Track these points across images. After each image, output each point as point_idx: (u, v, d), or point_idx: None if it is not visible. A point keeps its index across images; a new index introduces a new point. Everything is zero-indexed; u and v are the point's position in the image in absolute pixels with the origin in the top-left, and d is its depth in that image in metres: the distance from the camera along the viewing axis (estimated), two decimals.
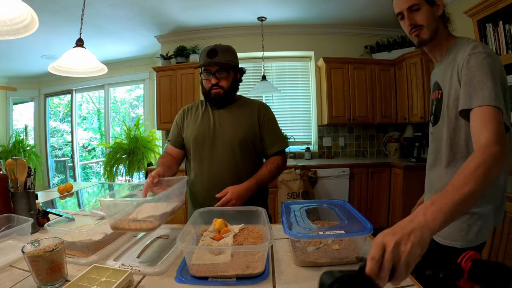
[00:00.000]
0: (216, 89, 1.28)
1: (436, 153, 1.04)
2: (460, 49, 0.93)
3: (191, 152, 1.36)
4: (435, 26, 0.98)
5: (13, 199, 1.04)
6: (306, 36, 3.80)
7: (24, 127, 5.51)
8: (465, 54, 0.88)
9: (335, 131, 3.86)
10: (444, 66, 1.00)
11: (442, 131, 1.00)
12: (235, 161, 1.29)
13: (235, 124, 1.31)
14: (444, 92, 0.99)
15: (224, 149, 1.29)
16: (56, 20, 3.12)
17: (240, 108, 1.36)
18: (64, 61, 1.57)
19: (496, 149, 0.72)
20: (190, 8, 3.16)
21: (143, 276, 0.74)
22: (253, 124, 1.33)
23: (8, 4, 0.93)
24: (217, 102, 1.33)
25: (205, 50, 1.28)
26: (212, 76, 1.26)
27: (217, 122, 1.32)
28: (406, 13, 0.98)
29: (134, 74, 4.73)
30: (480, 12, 2.02)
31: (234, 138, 1.29)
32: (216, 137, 1.30)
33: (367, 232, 0.78)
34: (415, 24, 0.97)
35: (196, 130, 1.33)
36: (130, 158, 4.10)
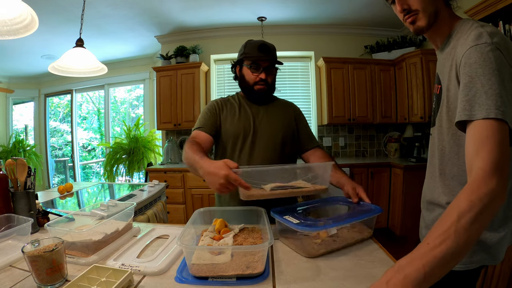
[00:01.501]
0: (262, 85, 1.26)
1: (431, 159, 0.90)
2: (462, 36, 0.74)
3: (227, 148, 1.28)
4: (434, 8, 0.78)
5: (13, 199, 1.04)
6: (306, 36, 3.80)
7: (24, 127, 5.51)
8: (466, 45, 0.69)
9: (335, 131, 3.86)
10: (444, 55, 0.81)
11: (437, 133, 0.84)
12: (275, 159, 1.27)
13: (276, 122, 1.30)
14: (443, 87, 0.80)
15: (266, 147, 1.26)
16: (56, 20, 3.12)
17: (278, 106, 1.36)
18: (64, 61, 1.57)
19: (492, 185, 0.56)
20: (190, 8, 3.16)
21: (143, 276, 0.74)
22: (290, 122, 1.34)
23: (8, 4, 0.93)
24: (261, 98, 1.31)
25: (254, 43, 1.26)
26: (262, 71, 1.25)
27: (257, 119, 1.29)
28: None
29: (134, 74, 4.73)
30: (480, 12, 2.02)
31: (275, 135, 1.28)
32: (257, 134, 1.27)
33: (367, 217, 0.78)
34: (409, 9, 0.78)
35: (236, 126, 1.27)
36: (130, 158, 4.11)
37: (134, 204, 1.07)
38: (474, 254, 0.76)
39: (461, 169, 0.76)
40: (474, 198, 0.54)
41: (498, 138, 0.60)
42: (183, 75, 3.62)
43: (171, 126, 3.67)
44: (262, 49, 1.23)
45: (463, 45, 0.70)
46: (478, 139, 0.62)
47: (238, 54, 1.32)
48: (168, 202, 3.24)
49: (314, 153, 1.35)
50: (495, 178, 0.56)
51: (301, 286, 0.69)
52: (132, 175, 4.18)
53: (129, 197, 1.70)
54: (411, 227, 2.91)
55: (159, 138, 4.35)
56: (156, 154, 4.29)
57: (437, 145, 0.83)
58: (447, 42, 0.81)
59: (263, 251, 0.74)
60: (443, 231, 0.52)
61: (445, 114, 0.79)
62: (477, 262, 0.76)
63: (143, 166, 4.04)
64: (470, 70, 0.66)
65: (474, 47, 0.67)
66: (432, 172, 0.88)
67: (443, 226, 0.53)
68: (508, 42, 0.69)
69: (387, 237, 3.06)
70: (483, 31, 0.68)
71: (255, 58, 1.23)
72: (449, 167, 0.80)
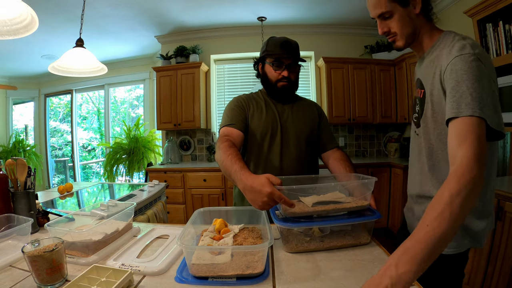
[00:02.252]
0: (284, 82, 1.24)
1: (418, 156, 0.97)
2: (445, 47, 0.84)
3: (254, 145, 1.26)
4: (412, 30, 0.89)
5: (13, 199, 1.04)
6: (306, 36, 3.80)
7: (24, 127, 5.51)
8: (451, 55, 0.79)
9: (335, 131, 3.86)
10: (427, 63, 0.91)
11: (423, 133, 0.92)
12: (303, 157, 1.27)
13: (301, 120, 1.30)
14: (426, 91, 0.90)
15: (294, 146, 1.26)
16: (56, 20, 3.12)
17: (301, 104, 1.35)
18: (64, 61, 1.57)
19: (475, 172, 0.64)
20: (190, 8, 3.16)
21: (143, 276, 0.74)
22: (314, 121, 1.33)
23: (8, 4, 0.93)
24: (284, 95, 1.30)
25: (276, 40, 1.25)
26: (285, 69, 1.23)
27: (283, 117, 1.28)
28: (378, 21, 0.91)
29: (134, 74, 4.73)
30: (480, 12, 2.02)
31: (302, 134, 1.27)
32: (285, 132, 1.26)
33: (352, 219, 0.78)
34: (388, 31, 0.90)
35: (264, 123, 1.25)
36: (130, 158, 4.11)
37: (134, 204, 1.07)
38: (463, 239, 0.88)
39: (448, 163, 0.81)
40: (462, 184, 0.63)
41: (479, 132, 0.69)
42: (183, 75, 3.62)
43: (171, 126, 3.67)
44: (284, 46, 1.23)
45: (448, 55, 0.80)
46: (461, 132, 0.71)
47: (260, 51, 1.31)
48: (168, 202, 3.24)
49: (333, 154, 1.33)
50: (477, 166, 0.65)
51: (301, 286, 0.69)
52: (132, 175, 4.18)
53: (129, 197, 1.70)
54: None
55: (159, 138, 4.35)
56: (156, 154, 4.29)
57: (424, 144, 0.91)
58: (429, 52, 0.91)
59: (263, 251, 0.74)
60: (438, 214, 0.61)
61: (430, 116, 0.88)
62: (465, 246, 0.89)
63: (143, 166, 4.04)
64: (457, 76, 0.76)
65: (459, 57, 0.77)
66: (420, 168, 0.95)
67: (438, 209, 0.62)
68: (486, 54, 0.80)
69: (387, 237, 3.06)
70: (466, 43, 0.79)
71: (277, 55, 1.22)
72: (439, 162, 0.88)
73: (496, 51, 1.97)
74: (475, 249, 1.84)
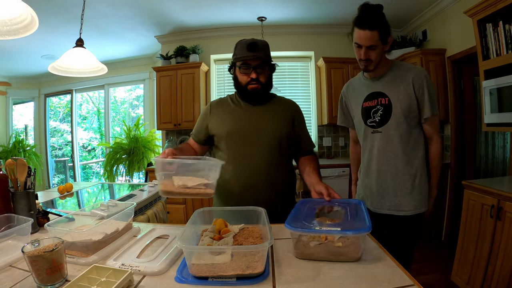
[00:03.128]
0: (254, 84, 1.23)
1: (385, 146, 1.32)
2: (403, 69, 1.31)
3: (223, 149, 1.28)
4: (380, 59, 1.28)
5: (13, 199, 1.04)
6: (306, 36, 3.80)
7: (24, 127, 5.51)
8: (419, 73, 1.27)
9: (335, 131, 3.86)
10: (388, 80, 1.32)
11: (393, 130, 1.29)
12: (273, 158, 1.26)
13: (273, 121, 1.28)
14: (392, 99, 1.29)
15: (264, 146, 1.25)
16: (56, 20, 3.12)
17: (275, 105, 1.34)
18: (64, 61, 1.57)
19: (440, 143, 1.33)
20: (190, 8, 3.16)
21: (143, 276, 0.74)
22: (288, 122, 1.31)
23: (8, 4, 0.93)
24: (255, 98, 1.29)
25: (243, 43, 1.24)
26: (253, 71, 1.22)
27: (254, 119, 1.28)
28: (364, 49, 1.22)
29: (134, 74, 4.73)
30: (480, 12, 2.02)
31: (273, 135, 1.26)
32: (254, 134, 1.25)
33: (364, 231, 0.76)
34: (368, 59, 1.25)
35: (231, 126, 1.27)
36: (130, 158, 4.11)
37: (134, 204, 1.07)
38: (420, 204, 1.31)
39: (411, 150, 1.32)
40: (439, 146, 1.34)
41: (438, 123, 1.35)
42: (183, 75, 3.62)
43: (171, 126, 3.67)
44: (250, 48, 1.21)
45: (414, 74, 1.28)
46: (435, 125, 1.33)
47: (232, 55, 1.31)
48: (168, 202, 3.24)
49: (306, 156, 1.36)
50: (439, 140, 1.35)
51: (301, 286, 0.69)
52: (132, 175, 4.18)
53: (129, 197, 1.70)
54: None
55: (159, 138, 4.35)
56: (156, 154, 4.29)
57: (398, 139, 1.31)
58: (385, 74, 1.34)
59: (263, 251, 0.74)
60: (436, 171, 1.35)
61: (395, 118, 1.29)
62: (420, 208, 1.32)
63: (143, 166, 4.04)
64: (428, 87, 1.27)
65: (426, 76, 1.28)
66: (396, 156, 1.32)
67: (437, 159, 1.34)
68: None
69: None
70: (420, 67, 1.36)
71: (244, 58, 1.22)
72: (408, 150, 1.31)
73: (496, 51, 1.97)
74: (475, 249, 1.84)
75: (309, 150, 1.38)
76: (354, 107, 1.44)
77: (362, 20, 1.22)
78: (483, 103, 2.09)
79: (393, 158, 1.31)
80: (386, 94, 1.30)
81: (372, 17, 1.21)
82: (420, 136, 1.34)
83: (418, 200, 1.31)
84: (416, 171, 1.31)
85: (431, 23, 3.26)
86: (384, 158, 1.33)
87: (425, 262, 2.52)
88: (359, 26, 1.22)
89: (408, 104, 1.27)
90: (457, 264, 2.01)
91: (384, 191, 1.34)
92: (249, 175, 1.24)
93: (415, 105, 1.28)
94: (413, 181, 1.30)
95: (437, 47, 3.15)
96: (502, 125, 1.95)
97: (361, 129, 1.42)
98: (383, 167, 1.34)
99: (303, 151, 1.37)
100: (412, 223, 1.31)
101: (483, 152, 2.93)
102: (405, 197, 1.30)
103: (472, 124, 3.01)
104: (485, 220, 1.78)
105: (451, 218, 2.99)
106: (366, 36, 1.20)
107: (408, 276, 0.71)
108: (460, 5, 2.71)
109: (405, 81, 1.28)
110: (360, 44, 1.22)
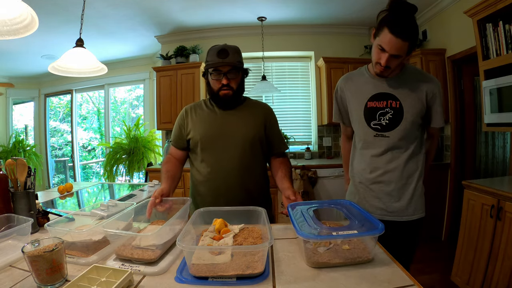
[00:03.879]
0: (226, 90, 1.25)
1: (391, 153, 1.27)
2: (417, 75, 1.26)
3: (198, 152, 1.32)
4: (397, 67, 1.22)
5: (13, 199, 1.04)
6: (306, 36, 3.80)
7: (24, 127, 5.51)
8: (433, 83, 1.23)
9: (335, 131, 3.86)
10: (400, 83, 1.25)
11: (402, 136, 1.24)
12: (246, 161, 1.29)
13: (245, 124, 1.31)
14: (403, 103, 1.23)
15: (236, 149, 1.27)
16: (56, 20, 3.12)
17: (247, 109, 1.36)
18: (64, 61, 1.57)
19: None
20: (190, 8, 3.16)
21: (143, 276, 0.74)
22: (260, 125, 1.34)
23: (8, 4, 0.93)
24: (227, 103, 1.31)
25: (214, 49, 1.25)
26: (223, 77, 1.23)
27: (226, 122, 1.30)
28: (388, 56, 1.12)
29: (134, 74, 4.73)
30: (480, 12, 2.02)
31: (245, 138, 1.28)
32: (227, 137, 1.28)
33: (379, 232, 0.76)
34: (388, 66, 1.16)
35: (204, 130, 1.30)
36: (130, 158, 4.10)
37: (134, 204, 1.07)
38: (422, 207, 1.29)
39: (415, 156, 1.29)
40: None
41: None
42: (183, 75, 3.62)
43: (171, 126, 3.65)
44: (220, 54, 1.22)
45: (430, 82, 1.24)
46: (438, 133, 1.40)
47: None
48: None
49: (278, 158, 1.38)
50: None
51: (301, 286, 0.69)
52: (132, 175, 4.18)
53: (129, 197, 1.70)
54: None
55: (159, 138, 4.35)
56: (156, 154, 4.29)
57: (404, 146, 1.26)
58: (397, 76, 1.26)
59: (263, 251, 0.74)
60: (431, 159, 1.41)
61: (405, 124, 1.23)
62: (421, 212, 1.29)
63: (143, 166, 4.04)
64: (440, 97, 1.25)
65: (439, 84, 1.25)
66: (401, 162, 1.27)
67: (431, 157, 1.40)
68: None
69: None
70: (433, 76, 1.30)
71: (214, 64, 1.23)
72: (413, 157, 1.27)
73: (496, 51, 1.97)
74: (475, 249, 1.84)
75: (281, 152, 1.40)
76: (355, 104, 1.34)
77: (399, 25, 1.07)
78: (483, 103, 2.09)
79: (397, 165, 1.25)
80: (398, 98, 1.23)
81: (409, 25, 1.09)
82: (421, 142, 1.31)
83: (420, 203, 1.28)
84: (419, 176, 1.28)
85: (431, 23, 3.26)
86: (388, 164, 1.26)
87: (425, 262, 2.52)
88: (392, 30, 1.07)
89: (419, 112, 1.22)
90: (457, 264, 2.01)
91: (386, 197, 1.28)
92: (222, 178, 1.28)
93: (424, 113, 1.25)
94: (416, 185, 1.27)
95: (437, 47, 3.15)
96: (502, 125, 1.95)
97: (360, 130, 1.33)
98: (386, 174, 1.27)
99: (275, 153, 1.39)
100: (415, 227, 1.29)
101: (483, 152, 2.93)
102: (408, 201, 1.26)
103: (472, 124, 3.01)
104: (485, 220, 1.78)
105: (451, 218, 2.99)
106: (397, 44, 1.08)
107: (408, 276, 0.71)
108: (460, 5, 2.71)
109: (418, 88, 1.22)
110: (386, 49, 1.10)
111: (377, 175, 1.29)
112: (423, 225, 1.32)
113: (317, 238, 0.77)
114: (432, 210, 2.98)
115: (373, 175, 1.30)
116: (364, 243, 0.82)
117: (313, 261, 0.77)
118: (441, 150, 3.19)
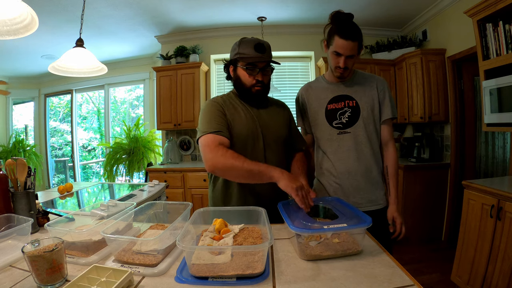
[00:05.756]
0: (259, 87, 1.20)
1: (355, 145, 1.36)
2: (366, 76, 1.44)
3: (236, 150, 1.16)
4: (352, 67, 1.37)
5: (13, 199, 1.04)
6: (306, 36, 3.80)
7: (24, 127, 5.51)
8: (381, 81, 1.41)
9: None
10: (353, 85, 1.41)
11: (361, 130, 1.36)
12: (283, 160, 1.29)
13: (277, 122, 1.30)
14: (359, 102, 1.37)
15: (275, 149, 1.26)
16: (56, 20, 3.12)
17: (274, 107, 1.35)
18: (64, 61, 1.57)
19: (396, 147, 1.44)
20: (190, 8, 3.16)
21: (143, 276, 0.74)
22: (287, 122, 1.36)
23: (8, 4, 0.93)
24: (259, 100, 1.27)
25: (249, 42, 1.18)
26: (259, 73, 1.18)
27: (261, 121, 1.25)
28: (344, 58, 1.27)
29: (134, 74, 4.73)
30: (480, 12, 2.02)
31: (280, 137, 1.28)
32: (265, 137, 1.24)
33: (367, 225, 0.82)
34: (346, 67, 1.30)
35: (244, 128, 1.21)
36: (130, 158, 4.11)
37: (134, 204, 1.07)
38: (383, 198, 1.40)
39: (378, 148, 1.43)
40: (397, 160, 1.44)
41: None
42: (183, 75, 3.62)
43: (171, 126, 3.67)
44: (258, 49, 1.16)
45: (377, 81, 1.42)
46: (391, 129, 1.45)
47: (232, 53, 1.24)
48: None
49: (297, 155, 1.39)
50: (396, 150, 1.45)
51: (301, 286, 0.69)
52: (132, 175, 4.18)
53: (129, 197, 1.70)
54: (412, 227, 2.91)
55: (159, 138, 4.35)
56: (156, 154, 4.29)
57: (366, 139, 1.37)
58: (350, 79, 1.42)
59: (263, 251, 0.74)
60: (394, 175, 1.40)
61: (363, 119, 1.37)
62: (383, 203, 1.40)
63: (143, 166, 4.04)
64: (389, 91, 1.42)
65: (386, 82, 1.44)
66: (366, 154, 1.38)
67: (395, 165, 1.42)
68: None
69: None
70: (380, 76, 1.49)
71: (251, 59, 1.16)
72: (376, 149, 1.41)
73: (496, 51, 1.97)
74: (475, 249, 1.84)
75: (302, 148, 1.42)
76: (316, 109, 1.43)
77: (345, 30, 1.26)
78: (483, 103, 2.09)
79: (363, 157, 1.36)
80: (353, 97, 1.38)
81: (354, 28, 1.27)
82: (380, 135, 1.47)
83: (384, 193, 1.42)
84: (382, 167, 1.43)
85: (431, 23, 3.26)
86: (355, 157, 1.36)
87: (425, 262, 2.52)
88: (342, 35, 1.25)
89: (373, 106, 1.38)
90: (457, 264, 2.01)
91: (355, 190, 1.37)
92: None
93: (377, 108, 1.39)
94: (381, 176, 1.42)
95: (437, 47, 3.15)
96: (502, 125, 1.95)
97: (324, 131, 1.41)
98: (353, 166, 1.36)
99: (297, 149, 1.41)
100: (384, 215, 1.39)
101: (483, 152, 2.93)
102: (377, 191, 1.39)
103: (472, 124, 3.01)
104: (485, 220, 1.78)
105: (451, 218, 2.99)
106: (349, 46, 1.25)
107: (408, 276, 0.71)
108: (460, 5, 2.71)
109: (369, 86, 1.39)
110: (341, 53, 1.27)
111: (345, 170, 1.38)
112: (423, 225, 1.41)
113: (309, 231, 0.81)
114: (432, 210, 2.99)
115: (339, 171, 1.39)
116: (352, 237, 0.88)
117: (306, 253, 0.82)
118: (441, 150, 3.19)
